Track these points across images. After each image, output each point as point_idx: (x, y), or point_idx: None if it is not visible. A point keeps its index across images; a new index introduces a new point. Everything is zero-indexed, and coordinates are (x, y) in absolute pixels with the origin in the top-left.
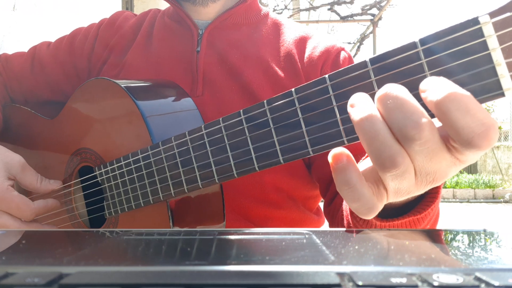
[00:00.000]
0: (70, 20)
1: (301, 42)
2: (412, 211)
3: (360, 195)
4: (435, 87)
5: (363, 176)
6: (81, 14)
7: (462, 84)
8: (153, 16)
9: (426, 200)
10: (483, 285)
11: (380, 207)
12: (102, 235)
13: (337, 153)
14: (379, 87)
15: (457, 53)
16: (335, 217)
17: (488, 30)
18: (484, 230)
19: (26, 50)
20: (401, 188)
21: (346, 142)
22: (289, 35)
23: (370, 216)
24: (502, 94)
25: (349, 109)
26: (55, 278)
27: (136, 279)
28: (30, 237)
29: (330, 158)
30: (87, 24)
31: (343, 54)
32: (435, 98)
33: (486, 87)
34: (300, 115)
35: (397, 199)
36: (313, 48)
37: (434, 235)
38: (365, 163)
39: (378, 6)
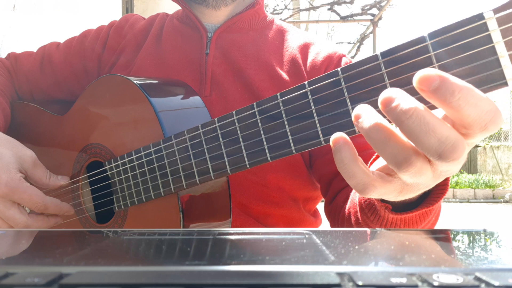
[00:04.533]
0: (70, 20)
1: (305, 48)
2: (425, 203)
3: (353, 173)
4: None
5: (364, 162)
6: (81, 14)
7: (468, 74)
8: (161, 19)
9: (436, 192)
10: (483, 285)
11: (376, 189)
12: (102, 235)
13: (336, 137)
14: (389, 79)
15: (464, 46)
16: (337, 215)
17: (492, 25)
18: (484, 230)
19: (26, 50)
20: (419, 182)
21: (357, 131)
22: (293, 41)
23: (366, 195)
24: (506, 84)
25: (355, 121)
26: (55, 278)
27: (136, 279)
28: (30, 237)
29: (330, 142)
30: (87, 24)
31: (344, 60)
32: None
33: (491, 77)
34: (312, 107)
35: (418, 192)
36: (316, 54)
37: (434, 235)
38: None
39: (378, 6)
